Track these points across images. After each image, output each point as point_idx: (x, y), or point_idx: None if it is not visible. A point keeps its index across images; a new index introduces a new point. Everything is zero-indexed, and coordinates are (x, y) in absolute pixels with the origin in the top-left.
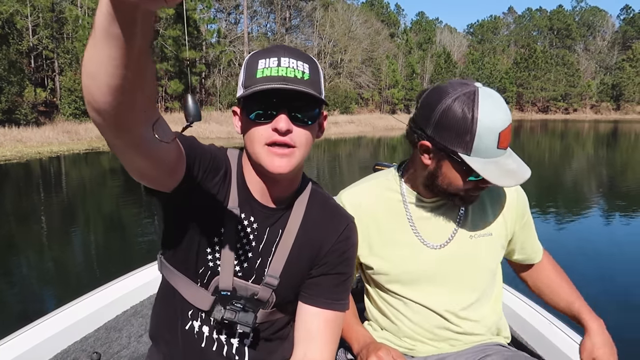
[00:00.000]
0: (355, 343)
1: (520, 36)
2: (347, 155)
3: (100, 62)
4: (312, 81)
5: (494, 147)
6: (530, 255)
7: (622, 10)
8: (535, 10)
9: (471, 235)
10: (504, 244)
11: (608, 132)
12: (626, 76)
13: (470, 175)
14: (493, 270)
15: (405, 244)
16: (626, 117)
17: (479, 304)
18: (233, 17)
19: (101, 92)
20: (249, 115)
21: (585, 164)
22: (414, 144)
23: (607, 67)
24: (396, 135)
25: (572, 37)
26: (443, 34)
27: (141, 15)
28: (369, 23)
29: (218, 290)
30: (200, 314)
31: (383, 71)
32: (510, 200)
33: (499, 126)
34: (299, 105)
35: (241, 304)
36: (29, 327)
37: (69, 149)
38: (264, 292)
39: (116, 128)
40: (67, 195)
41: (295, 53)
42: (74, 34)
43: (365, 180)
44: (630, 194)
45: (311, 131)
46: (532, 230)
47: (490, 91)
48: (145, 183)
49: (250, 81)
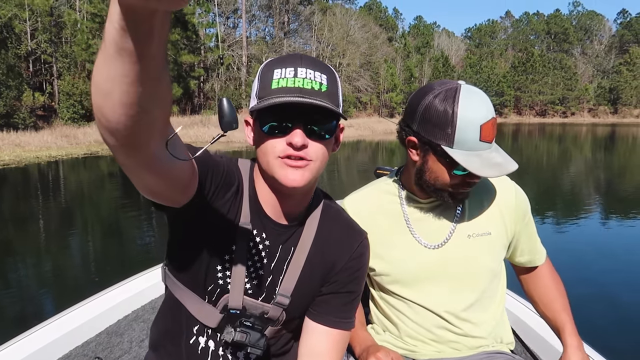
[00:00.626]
0: (357, 346)
1: (518, 40)
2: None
3: (113, 80)
4: (330, 93)
5: (476, 139)
6: (533, 257)
7: (619, 14)
8: (533, 14)
9: (469, 235)
10: (504, 243)
11: (606, 136)
12: (623, 80)
13: (455, 168)
14: (494, 271)
15: (404, 245)
16: (624, 121)
17: (480, 306)
18: (231, 21)
19: (114, 111)
20: (263, 128)
21: (583, 167)
22: (403, 142)
23: (605, 70)
24: (395, 139)
25: (570, 41)
26: (441, 38)
27: (158, 25)
28: (367, 27)
29: (227, 309)
30: (206, 330)
31: (381, 75)
32: (509, 199)
33: (480, 119)
34: (315, 119)
35: (250, 322)
36: (30, 331)
37: (68, 153)
38: (274, 311)
39: (130, 147)
40: (65, 199)
41: (313, 63)
42: (72, 38)
43: (367, 186)
44: (629, 197)
45: (327, 145)
46: (533, 231)
47: (473, 88)
48: (155, 200)
49: (265, 92)
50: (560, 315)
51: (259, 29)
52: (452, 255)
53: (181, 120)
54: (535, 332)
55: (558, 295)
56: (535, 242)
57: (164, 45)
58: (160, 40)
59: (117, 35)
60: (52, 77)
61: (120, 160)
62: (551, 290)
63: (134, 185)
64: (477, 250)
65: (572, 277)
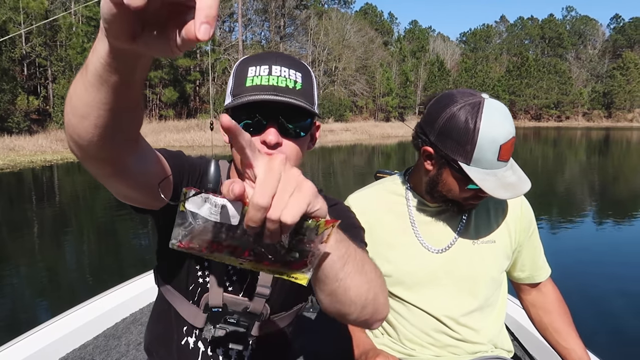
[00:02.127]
0: (356, 349)
1: (513, 44)
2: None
3: (91, 105)
4: (305, 91)
5: (494, 159)
6: (534, 273)
7: (612, 20)
8: (527, 19)
9: (473, 242)
10: (508, 253)
11: (600, 139)
12: (617, 84)
13: (469, 184)
14: (497, 280)
15: (407, 246)
16: (617, 125)
17: (480, 313)
18: (227, 25)
19: (88, 132)
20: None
21: (578, 171)
22: (418, 149)
23: (598, 75)
24: (391, 143)
25: (564, 45)
26: (436, 42)
27: (143, 63)
28: (363, 31)
29: (209, 307)
30: (194, 330)
31: (377, 79)
32: (514, 210)
33: (501, 139)
34: (289, 116)
35: (234, 319)
36: (27, 334)
37: (63, 158)
38: (256, 303)
39: (100, 161)
40: (61, 204)
41: (288, 60)
42: (67, 42)
43: (373, 185)
44: (624, 200)
45: (302, 143)
46: (537, 244)
47: (497, 103)
48: (132, 204)
49: (239, 90)
50: (568, 345)
51: (255, 33)
52: (455, 261)
53: (178, 125)
54: (536, 337)
55: (563, 324)
56: (538, 256)
57: (144, 77)
58: (142, 75)
59: (102, 69)
60: (46, 81)
61: (90, 171)
62: (556, 318)
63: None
64: (481, 258)
65: (568, 281)
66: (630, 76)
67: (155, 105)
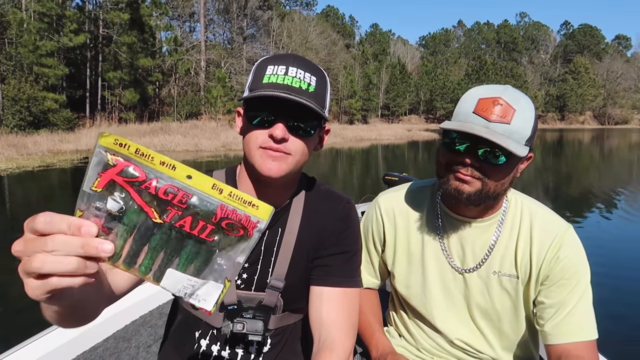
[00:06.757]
0: (374, 350)
1: (471, 49)
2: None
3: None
4: (317, 94)
5: (469, 110)
6: (555, 330)
7: (562, 26)
8: (484, 24)
9: (495, 271)
10: (531, 295)
11: (554, 140)
12: (569, 88)
13: (445, 147)
14: (519, 316)
15: (431, 259)
16: (570, 127)
17: (501, 346)
18: (188, 25)
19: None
20: (249, 119)
21: (533, 171)
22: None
23: (551, 79)
24: (365, 145)
25: (518, 50)
26: (397, 45)
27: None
28: (325, 34)
29: (225, 306)
30: (210, 331)
31: (340, 82)
32: (544, 248)
33: (482, 94)
34: (299, 115)
35: (250, 314)
36: (37, 336)
37: (19, 166)
38: (270, 296)
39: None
40: (13, 214)
41: (305, 64)
42: (17, 39)
43: (405, 186)
44: (577, 200)
45: (308, 142)
46: (572, 299)
47: (510, 88)
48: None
49: (256, 85)
50: None
51: (217, 34)
52: (473, 286)
53: (140, 128)
54: None
55: None
56: (570, 315)
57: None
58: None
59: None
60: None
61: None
62: None
63: None
64: (498, 290)
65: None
66: (582, 80)
67: (115, 107)
